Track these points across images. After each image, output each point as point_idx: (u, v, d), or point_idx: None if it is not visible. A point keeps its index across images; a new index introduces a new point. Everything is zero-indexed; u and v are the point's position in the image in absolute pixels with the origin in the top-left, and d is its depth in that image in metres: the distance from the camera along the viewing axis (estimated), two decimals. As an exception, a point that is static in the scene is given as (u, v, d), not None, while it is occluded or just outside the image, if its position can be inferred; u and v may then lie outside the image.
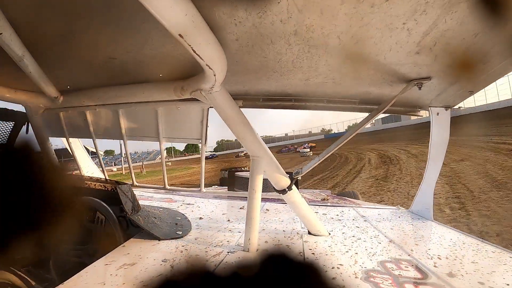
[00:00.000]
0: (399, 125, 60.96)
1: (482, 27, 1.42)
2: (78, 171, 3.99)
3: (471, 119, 40.30)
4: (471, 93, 2.36)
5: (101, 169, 4.00)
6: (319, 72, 2.11)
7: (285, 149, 56.64)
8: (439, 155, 2.89)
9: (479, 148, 18.65)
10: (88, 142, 3.87)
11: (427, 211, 2.97)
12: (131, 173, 3.66)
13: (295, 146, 58.48)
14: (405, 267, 1.83)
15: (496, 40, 1.57)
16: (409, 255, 2.01)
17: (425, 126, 2.91)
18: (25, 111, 3.20)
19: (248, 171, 2.33)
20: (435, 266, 1.84)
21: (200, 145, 3.22)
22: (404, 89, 2.19)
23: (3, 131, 3.12)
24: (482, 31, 1.46)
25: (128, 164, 3.64)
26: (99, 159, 3.80)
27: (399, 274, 1.72)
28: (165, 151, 3.59)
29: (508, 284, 1.60)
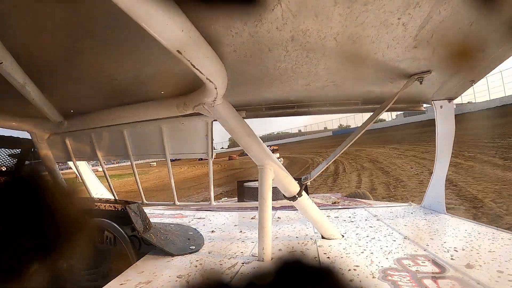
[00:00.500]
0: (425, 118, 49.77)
1: (477, 15, 1.42)
2: (87, 194, 4.01)
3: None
4: (473, 82, 2.35)
5: (110, 190, 4.01)
6: (319, 76, 2.12)
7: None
8: (447, 147, 2.87)
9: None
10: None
11: (439, 204, 2.95)
12: (140, 192, 3.65)
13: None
14: (422, 262, 1.81)
15: (492, 27, 1.57)
16: (425, 250, 2.00)
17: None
18: (30, 138, 3.23)
19: (257, 181, 2.32)
20: (452, 258, 1.82)
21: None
22: (405, 85, 2.19)
23: (10, 159, 3.15)
24: (477, 19, 1.46)
25: (137, 182, 3.64)
26: (108, 180, 3.80)
27: (416, 270, 1.70)
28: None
29: None
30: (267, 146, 2.29)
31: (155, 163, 57.42)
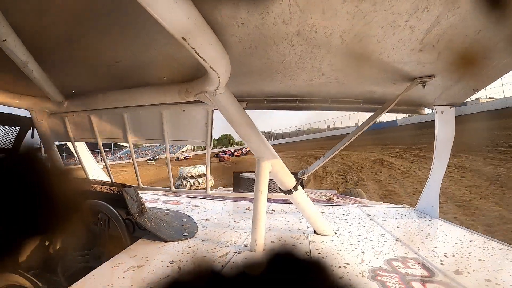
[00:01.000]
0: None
1: (485, 24, 1.42)
2: (84, 175, 4.01)
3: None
4: (476, 90, 2.35)
5: (107, 172, 4.01)
6: (322, 72, 2.12)
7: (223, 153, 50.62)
8: (445, 154, 2.88)
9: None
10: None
11: (433, 209, 2.96)
12: (137, 176, 3.66)
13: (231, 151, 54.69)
14: (412, 265, 1.82)
15: (499, 37, 1.56)
16: (415, 253, 2.01)
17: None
18: (30, 116, 3.22)
19: (254, 172, 2.33)
20: (441, 264, 1.84)
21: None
22: (408, 87, 2.19)
23: (8, 136, 3.15)
24: (485, 28, 1.45)
25: (134, 166, 3.64)
26: (105, 163, 3.80)
27: (406, 272, 1.72)
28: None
29: None
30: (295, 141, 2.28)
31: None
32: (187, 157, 60.23)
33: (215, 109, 2.91)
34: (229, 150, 59.50)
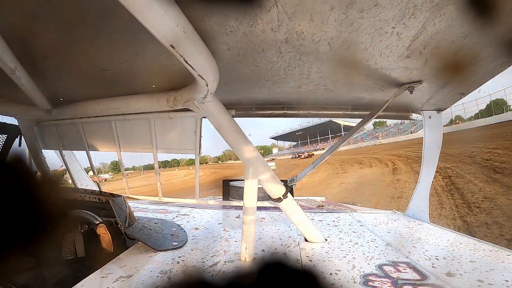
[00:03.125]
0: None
1: (470, 29, 1.45)
2: (72, 184, 3.97)
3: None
4: (462, 95, 2.38)
5: (95, 181, 3.98)
6: (311, 79, 2.13)
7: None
8: (433, 158, 2.91)
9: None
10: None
11: (423, 213, 2.99)
12: (126, 184, 3.64)
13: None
14: (403, 269, 1.83)
15: (485, 42, 1.59)
16: (406, 257, 2.01)
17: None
18: (17, 124, 3.18)
19: (243, 180, 2.32)
20: (433, 267, 1.84)
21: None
22: (395, 93, 2.22)
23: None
24: (470, 33, 1.48)
25: (123, 175, 3.62)
26: (93, 171, 3.78)
27: (397, 277, 1.72)
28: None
29: (507, 281, 1.61)
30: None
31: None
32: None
33: (203, 117, 2.90)
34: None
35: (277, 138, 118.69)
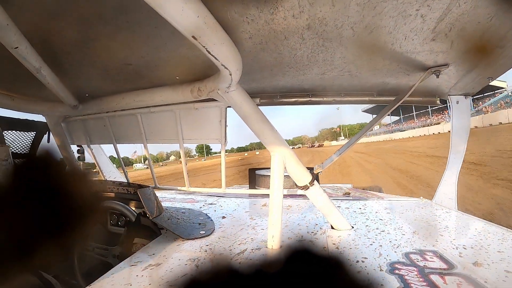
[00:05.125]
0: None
1: (496, 10, 1.40)
2: (100, 176, 4.07)
3: None
4: (490, 79, 2.32)
5: (123, 173, 4.05)
6: (334, 65, 2.11)
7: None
8: (461, 144, 2.85)
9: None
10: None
11: (451, 201, 2.93)
12: (153, 176, 3.69)
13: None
14: (430, 258, 1.80)
15: (511, 24, 1.54)
16: (433, 246, 1.98)
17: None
18: (45, 121, 3.27)
19: (269, 169, 2.32)
20: (460, 256, 1.81)
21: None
22: (422, 77, 2.17)
23: (25, 142, 3.21)
24: (497, 14, 1.43)
25: (150, 167, 3.68)
26: (121, 164, 3.84)
27: (424, 265, 1.69)
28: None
29: None
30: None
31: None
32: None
33: (228, 107, 2.91)
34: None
35: (368, 111, 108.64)
